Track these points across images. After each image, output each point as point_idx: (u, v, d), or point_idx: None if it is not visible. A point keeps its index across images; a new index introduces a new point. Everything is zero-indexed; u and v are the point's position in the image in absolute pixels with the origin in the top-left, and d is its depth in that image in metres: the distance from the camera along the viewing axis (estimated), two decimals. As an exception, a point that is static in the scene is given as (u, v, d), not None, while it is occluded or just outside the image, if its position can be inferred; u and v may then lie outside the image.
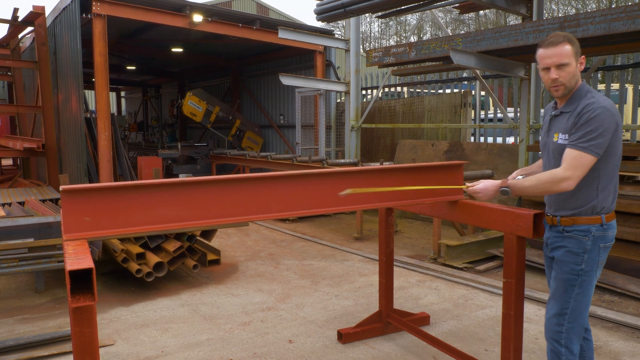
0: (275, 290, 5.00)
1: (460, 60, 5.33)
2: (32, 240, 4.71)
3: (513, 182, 2.54)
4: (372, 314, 3.96)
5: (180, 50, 13.09)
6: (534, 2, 6.05)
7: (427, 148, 8.93)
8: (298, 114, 10.66)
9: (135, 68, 16.59)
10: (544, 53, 2.45)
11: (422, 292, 4.94)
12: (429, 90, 10.76)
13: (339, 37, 12.30)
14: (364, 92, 11.83)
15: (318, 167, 7.67)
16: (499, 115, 9.47)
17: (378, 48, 7.21)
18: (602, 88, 9.70)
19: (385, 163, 7.38)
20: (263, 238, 7.42)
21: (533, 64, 6.26)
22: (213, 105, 12.36)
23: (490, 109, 10.11)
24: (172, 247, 5.11)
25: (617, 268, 4.99)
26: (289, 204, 2.61)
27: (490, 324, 4.11)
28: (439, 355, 3.55)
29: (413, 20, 33.14)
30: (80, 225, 2.18)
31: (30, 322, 4.21)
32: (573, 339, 2.49)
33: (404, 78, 10.96)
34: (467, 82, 9.89)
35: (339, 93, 11.09)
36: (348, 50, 9.74)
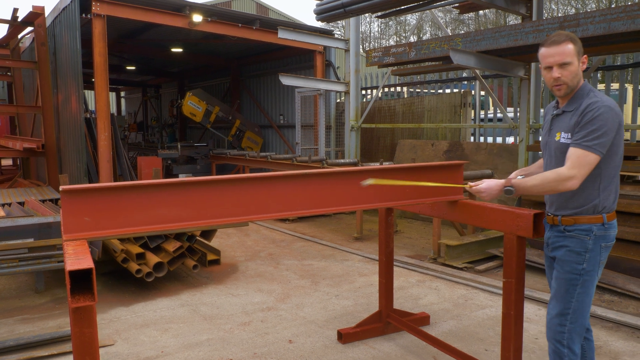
0: (275, 290, 5.00)
1: (460, 60, 5.33)
2: (32, 241, 4.71)
3: (517, 181, 2.52)
4: (372, 314, 3.96)
5: (180, 50, 13.09)
6: (534, 1, 6.05)
7: (426, 148, 8.93)
8: (298, 114, 10.66)
9: (135, 68, 16.58)
10: (547, 52, 2.44)
11: (422, 292, 4.94)
12: (429, 90, 10.75)
13: (339, 37, 12.29)
14: (364, 92, 11.82)
15: (318, 167, 7.66)
16: (499, 115, 9.46)
17: (378, 48, 7.21)
18: (602, 88, 9.70)
19: (385, 163, 7.38)
20: (263, 238, 7.42)
21: (533, 64, 6.26)
22: (213, 106, 12.34)
23: (490, 109, 10.10)
24: (172, 247, 5.11)
25: (617, 268, 4.99)
26: (289, 204, 2.61)
27: (490, 324, 4.11)
28: (439, 355, 3.55)
29: (413, 20, 33.15)
30: (80, 226, 2.18)
31: (30, 322, 4.21)
32: (575, 339, 2.48)
33: (404, 78, 10.96)
34: (466, 82, 9.88)
35: (339, 93, 11.09)
36: (348, 50, 9.74)
